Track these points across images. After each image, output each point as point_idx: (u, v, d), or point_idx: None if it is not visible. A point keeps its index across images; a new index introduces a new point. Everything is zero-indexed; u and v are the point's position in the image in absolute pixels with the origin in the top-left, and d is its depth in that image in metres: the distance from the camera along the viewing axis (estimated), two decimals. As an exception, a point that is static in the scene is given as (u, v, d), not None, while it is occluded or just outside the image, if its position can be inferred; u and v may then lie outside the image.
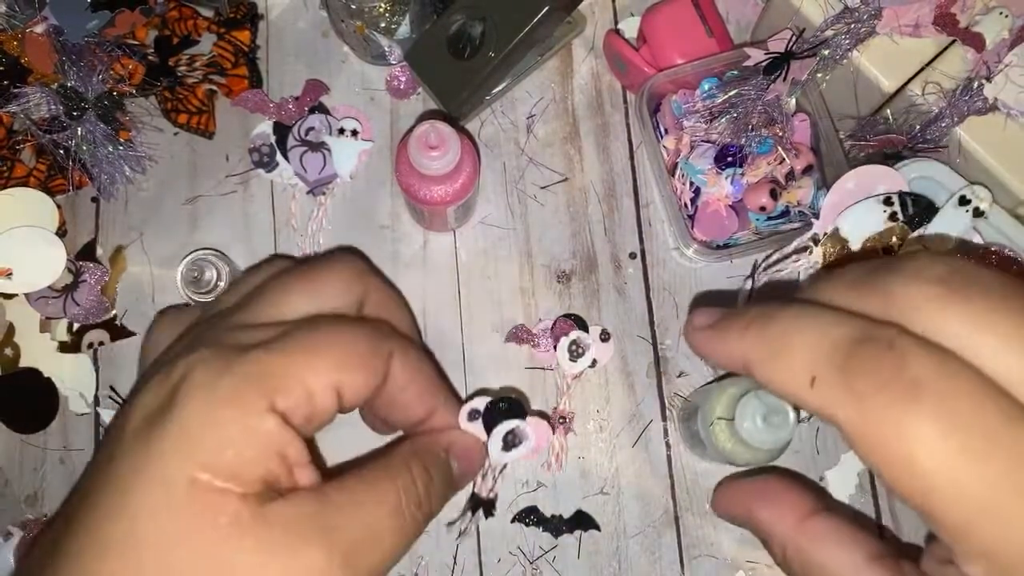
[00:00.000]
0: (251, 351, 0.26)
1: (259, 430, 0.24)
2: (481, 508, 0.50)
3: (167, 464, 0.23)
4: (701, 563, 0.51)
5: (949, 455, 0.18)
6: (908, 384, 0.19)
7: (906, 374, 0.19)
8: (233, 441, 0.24)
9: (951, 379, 0.19)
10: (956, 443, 0.18)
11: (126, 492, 0.23)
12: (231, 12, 0.57)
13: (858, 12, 0.49)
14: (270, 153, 0.56)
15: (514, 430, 0.41)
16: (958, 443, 0.18)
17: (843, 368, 0.20)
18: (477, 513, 0.50)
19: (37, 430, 0.53)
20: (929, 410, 0.19)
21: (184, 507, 0.23)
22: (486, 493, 0.51)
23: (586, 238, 0.56)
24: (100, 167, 0.54)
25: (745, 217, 0.53)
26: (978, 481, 0.18)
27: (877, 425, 0.19)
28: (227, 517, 0.23)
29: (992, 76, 0.47)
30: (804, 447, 0.53)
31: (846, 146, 0.53)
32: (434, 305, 0.55)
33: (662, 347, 0.54)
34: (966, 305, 0.20)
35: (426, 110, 0.59)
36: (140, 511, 0.23)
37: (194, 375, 0.25)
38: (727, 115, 0.51)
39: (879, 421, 0.19)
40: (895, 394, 0.19)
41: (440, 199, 0.48)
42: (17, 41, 0.52)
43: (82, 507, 0.24)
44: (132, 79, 0.54)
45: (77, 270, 0.54)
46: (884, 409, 0.19)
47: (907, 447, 0.19)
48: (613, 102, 0.59)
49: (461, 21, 0.53)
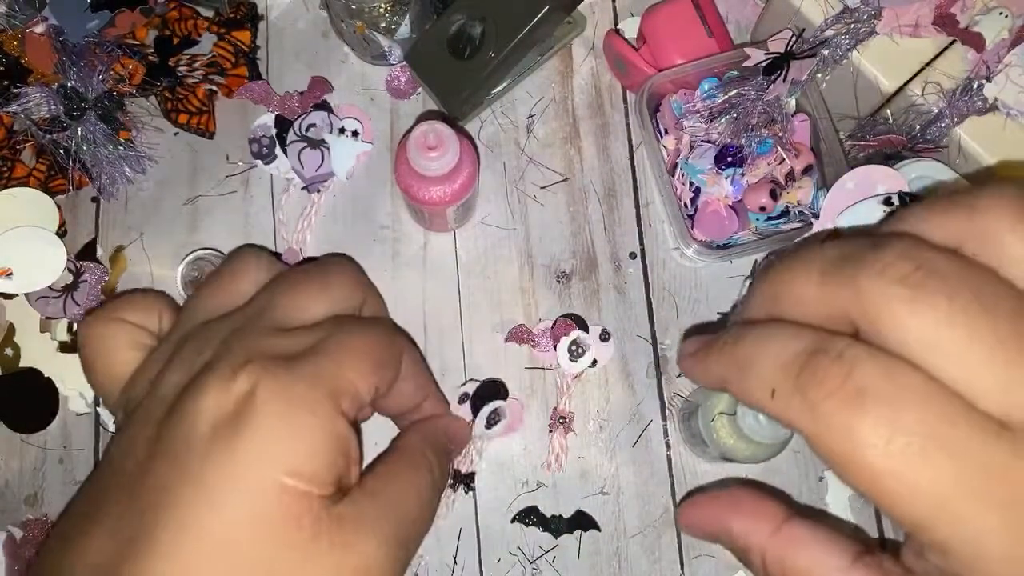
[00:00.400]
0: (307, 358, 0.27)
1: (335, 433, 0.26)
2: (462, 483, 0.52)
3: (258, 471, 0.24)
4: (701, 563, 0.51)
5: (895, 458, 0.19)
6: (853, 392, 0.20)
7: (851, 383, 0.20)
8: (315, 445, 0.26)
9: (896, 386, 0.20)
10: (898, 446, 0.19)
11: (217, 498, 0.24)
12: (231, 12, 0.57)
13: (858, 12, 0.49)
14: (270, 145, 0.56)
15: (497, 409, 0.50)
16: (901, 446, 0.19)
17: (797, 379, 0.21)
18: (459, 489, 0.52)
19: (37, 430, 0.53)
20: (873, 416, 0.20)
21: (276, 511, 0.24)
22: (465, 469, 0.52)
23: (586, 238, 0.56)
24: (100, 167, 0.54)
25: (745, 217, 0.53)
26: (924, 482, 0.19)
27: (829, 431, 0.20)
28: (310, 518, 0.25)
29: (992, 76, 0.47)
30: (804, 447, 0.53)
31: (846, 146, 0.53)
32: (434, 305, 0.55)
33: (662, 347, 0.54)
34: (928, 309, 0.20)
35: (426, 110, 0.59)
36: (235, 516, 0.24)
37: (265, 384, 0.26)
38: (727, 115, 0.51)
39: (830, 427, 0.20)
40: (842, 402, 0.20)
41: (439, 199, 0.48)
42: (17, 41, 0.52)
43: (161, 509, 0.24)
44: (132, 79, 0.54)
45: (77, 270, 0.54)
46: (833, 416, 0.20)
47: (857, 451, 0.20)
48: (613, 102, 0.59)
49: (461, 21, 0.53)
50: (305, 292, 0.31)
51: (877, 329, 0.21)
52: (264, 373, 0.26)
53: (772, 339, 0.23)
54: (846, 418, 0.20)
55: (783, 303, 0.24)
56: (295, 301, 0.31)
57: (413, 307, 0.55)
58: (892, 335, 0.20)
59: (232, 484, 0.24)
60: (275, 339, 0.28)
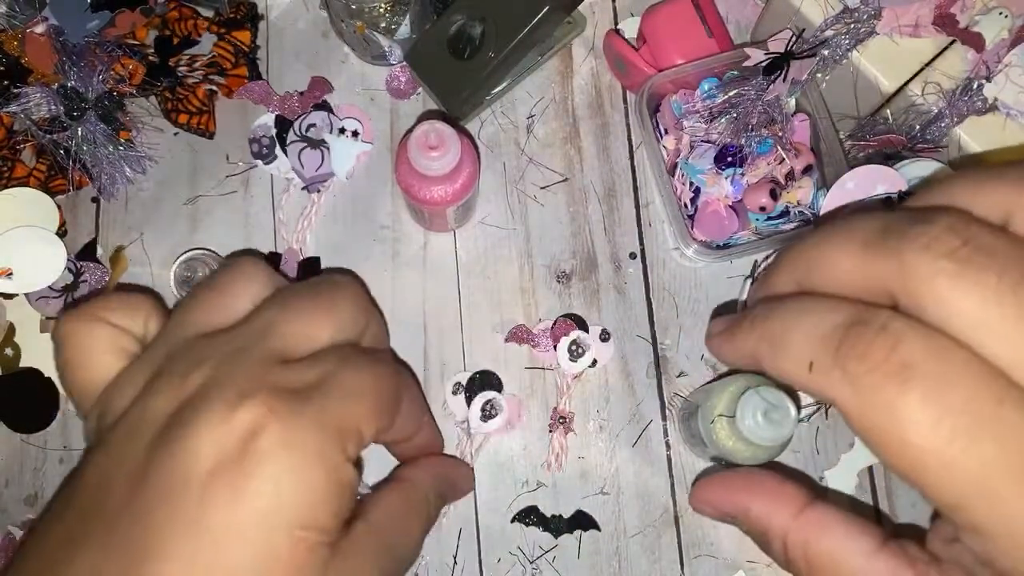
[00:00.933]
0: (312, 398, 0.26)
1: (343, 482, 0.26)
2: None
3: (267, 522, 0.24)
4: (701, 563, 0.51)
5: (939, 437, 0.19)
6: (898, 366, 0.19)
7: (897, 356, 0.19)
8: (325, 497, 0.25)
9: (943, 361, 0.19)
10: (946, 425, 0.19)
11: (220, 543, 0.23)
12: (231, 12, 0.57)
13: (858, 12, 0.49)
14: (270, 145, 0.57)
15: (491, 401, 0.51)
16: (948, 425, 0.19)
17: (837, 351, 0.20)
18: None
19: (37, 430, 0.53)
20: (919, 392, 0.19)
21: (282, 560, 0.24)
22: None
23: (586, 238, 0.56)
24: (100, 167, 0.54)
25: (745, 217, 0.53)
26: (969, 462, 0.19)
27: (870, 406, 0.20)
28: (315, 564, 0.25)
29: (992, 76, 0.47)
30: (803, 447, 0.53)
31: (846, 146, 0.53)
32: (434, 305, 0.55)
33: (662, 347, 0.54)
34: (975, 286, 0.19)
35: (426, 110, 0.59)
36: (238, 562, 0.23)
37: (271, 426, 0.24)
38: (727, 115, 0.51)
39: (872, 402, 0.20)
40: (886, 376, 0.19)
41: (440, 199, 0.48)
42: (17, 41, 0.52)
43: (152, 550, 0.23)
44: (132, 79, 0.54)
45: (77, 270, 0.54)
46: (876, 391, 0.20)
47: (899, 428, 0.19)
48: (613, 102, 0.59)
49: (461, 21, 0.53)
50: (310, 317, 0.29)
51: (920, 304, 0.20)
52: (269, 413, 0.25)
53: (809, 311, 0.22)
54: (890, 393, 0.19)
55: (816, 274, 0.23)
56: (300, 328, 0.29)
57: (413, 307, 0.55)
58: (935, 310, 0.20)
59: (237, 532, 0.23)
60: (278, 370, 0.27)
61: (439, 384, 0.54)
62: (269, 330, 0.28)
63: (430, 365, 0.54)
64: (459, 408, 0.52)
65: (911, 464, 0.19)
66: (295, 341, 0.28)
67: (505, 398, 0.52)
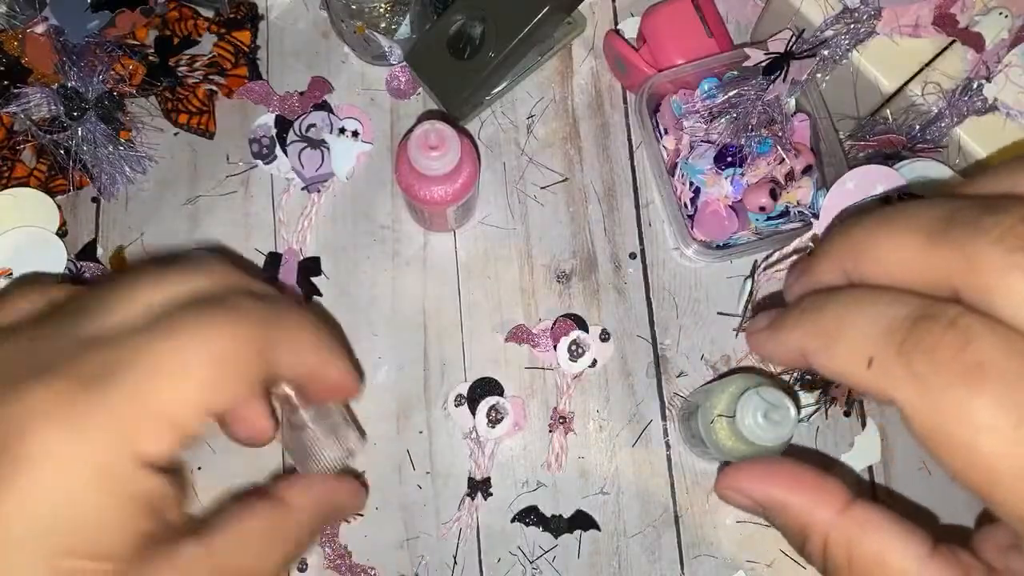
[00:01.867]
0: (99, 387, 0.21)
1: (126, 495, 0.21)
2: (479, 491, 0.52)
3: (23, 554, 0.20)
4: (701, 563, 0.51)
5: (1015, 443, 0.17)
6: (971, 365, 0.18)
7: (969, 355, 0.18)
8: (99, 517, 0.21)
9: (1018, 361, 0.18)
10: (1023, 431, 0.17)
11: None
12: (231, 12, 0.57)
13: (858, 12, 0.49)
14: (270, 145, 0.57)
15: (495, 405, 0.51)
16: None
17: (901, 348, 0.19)
18: (477, 497, 0.51)
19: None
20: (994, 394, 0.17)
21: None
22: (480, 475, 0.52)
23: (586, 238, 0.56)
24: (100, 167, 0.54)
25: (745, 217, 0.53)
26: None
27: (937, 408, 0.18)
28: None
29: (992, 76, 0.47)
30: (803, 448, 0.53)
31: (846, 146, 0.53)
32: (434, 305, 0.55)
33: (662, 347, 0.54)
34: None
35: (426, 110, 0.59)
36: None
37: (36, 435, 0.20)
38: (727, 115, 0.51)
39: (939, 404, 0.18)
40: (957, 375, 0.18)
41: (440, 199, 0.48)
42: (17, 41, 0.52)
43: None
44: (132, 79, 0.54)
45: (78, 270, 0.54)
46: (945, 391, 0.18)
47: (969, 433, 0.18)
48: (613, 102, 0.59)
49: (461, 21, 0.53)
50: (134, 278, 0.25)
51: (990, 299, 0.18)
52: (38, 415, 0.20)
53: (868, 303, 0.20)
54: (959, 395, 0.18)
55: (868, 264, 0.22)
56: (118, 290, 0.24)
57: (413, 307, 0.55)
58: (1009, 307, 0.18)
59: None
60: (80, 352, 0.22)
61: (439, 384, 0.54)
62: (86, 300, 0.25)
63: (430, 365, 0.54)
64: (464, 419, 0.52)
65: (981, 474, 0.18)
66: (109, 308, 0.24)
67: (508, 400, 0.52)
